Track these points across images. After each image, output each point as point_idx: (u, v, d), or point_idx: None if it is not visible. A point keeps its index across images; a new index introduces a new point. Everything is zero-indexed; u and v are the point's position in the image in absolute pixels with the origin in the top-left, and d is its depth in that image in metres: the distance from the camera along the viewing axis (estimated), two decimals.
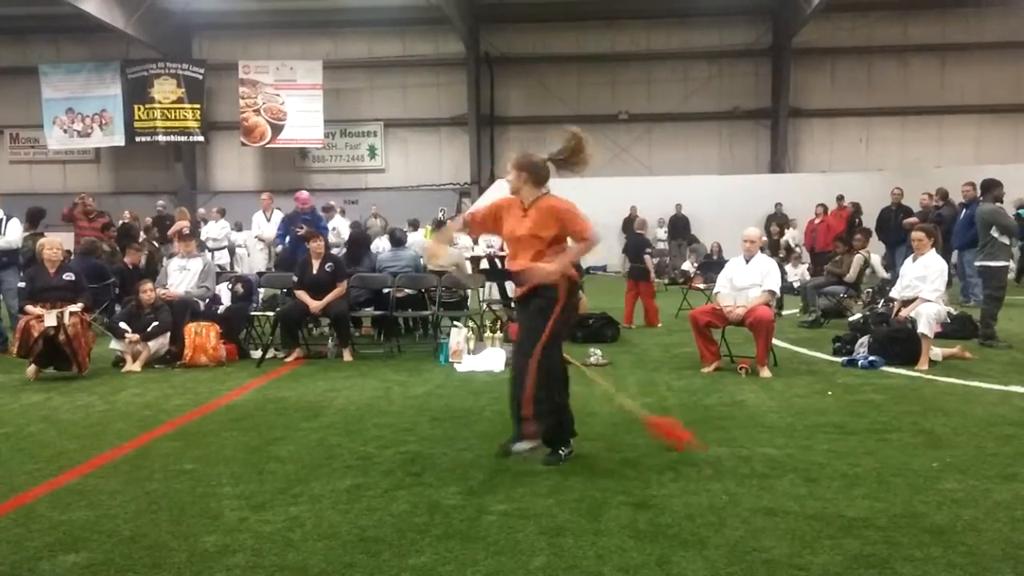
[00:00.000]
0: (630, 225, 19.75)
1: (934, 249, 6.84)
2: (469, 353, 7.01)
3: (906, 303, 6.79)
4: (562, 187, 4.21)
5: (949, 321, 7.48)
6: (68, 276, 6.85)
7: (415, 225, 14.18)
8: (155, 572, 2.82)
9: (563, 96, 21.81)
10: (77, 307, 6.62)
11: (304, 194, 10.77)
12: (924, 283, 6.67)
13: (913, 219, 12.92)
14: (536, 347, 3.89)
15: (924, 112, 21.20)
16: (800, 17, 19.63)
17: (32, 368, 6.53)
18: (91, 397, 5.85)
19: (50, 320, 6.39)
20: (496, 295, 9.46)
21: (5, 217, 8.42)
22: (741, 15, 21.33)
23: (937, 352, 6.65)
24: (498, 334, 7.27)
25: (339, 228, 11.77)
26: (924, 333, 6.48)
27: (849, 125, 21.61)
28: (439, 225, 13.61)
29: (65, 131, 21.78)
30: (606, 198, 19.48)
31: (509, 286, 9.06)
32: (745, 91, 21.73)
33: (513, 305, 4.20)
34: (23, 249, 8.65)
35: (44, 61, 21.88)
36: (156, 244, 11.98)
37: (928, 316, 6.49)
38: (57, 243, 7.06)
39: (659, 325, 9.47)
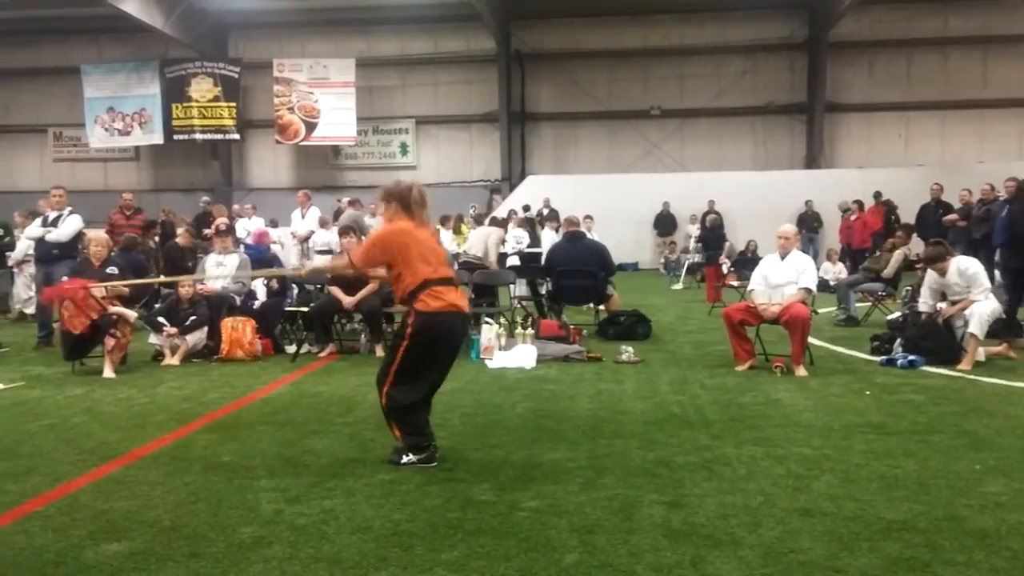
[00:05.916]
0: (663, 221, 19.67)
1: (958, 256, 6.81)
2: (500, 349, 7.02)
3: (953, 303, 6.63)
4: (595, 184, 4.19)
5: (1005, 317, 7.28)
6: (111, 269, 7.08)
7: (443, 222, 14.10)
8: (194, 562, 2.87)
9: (594, 92, 21.66)
10: (130, 315, 6.84)
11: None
12: (972, 287, 6.49)
13: (953, 216, 12.62)
14: (386, 379, 3.93)
15: (965, 106, 20.66)
16: (837, 9, 19.26)
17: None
18: (131, 390, 5.98)
19: (98, 292, 6.53)
20: (527, 291, 9.47)
21: (66, 212, 8.55)
22: (776, 8, 21.01)
23: (980, 351, 6.48)
24: (529, 331, 7.27)
25: (373, 225, 11.88)
26: (974, 333, 6.30)
27: (887, 120, 21.16)
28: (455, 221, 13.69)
29: (106, 130, 22.27)
30: (638, 194, 19.42)
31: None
32: (780, 86, 21.40)
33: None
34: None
35: (86, 61, 22.37)
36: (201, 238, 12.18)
37: (981, 315, 6.31)
38: (103, 239, 7.47)
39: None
